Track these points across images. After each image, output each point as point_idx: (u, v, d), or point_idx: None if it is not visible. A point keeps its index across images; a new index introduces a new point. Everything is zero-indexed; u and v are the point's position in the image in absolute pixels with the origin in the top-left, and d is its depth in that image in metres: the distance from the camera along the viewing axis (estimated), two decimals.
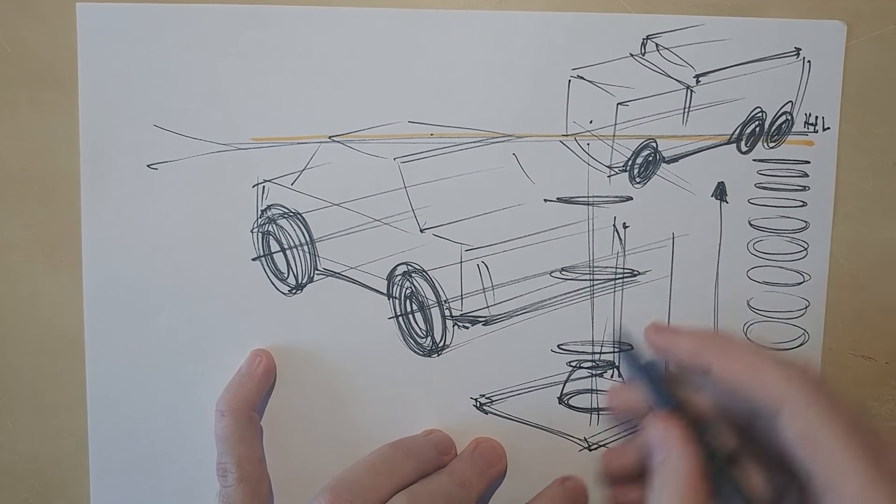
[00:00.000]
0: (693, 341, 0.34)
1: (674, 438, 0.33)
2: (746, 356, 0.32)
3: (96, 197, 0.40)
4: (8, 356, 0.41)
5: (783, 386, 0.30)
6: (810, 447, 0.29)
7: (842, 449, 0.29)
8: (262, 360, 0.40)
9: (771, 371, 0.31)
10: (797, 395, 0.30)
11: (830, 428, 0.29)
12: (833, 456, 0.29)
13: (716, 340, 0.33)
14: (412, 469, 0.37)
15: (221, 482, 0.38)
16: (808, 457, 0.29)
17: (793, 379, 0.30)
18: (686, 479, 0.32)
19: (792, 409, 0.30)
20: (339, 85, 0.39)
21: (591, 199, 0.40)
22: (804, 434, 0.29)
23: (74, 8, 0.39)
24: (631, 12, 0.39)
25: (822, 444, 0.29)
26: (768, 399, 0.30)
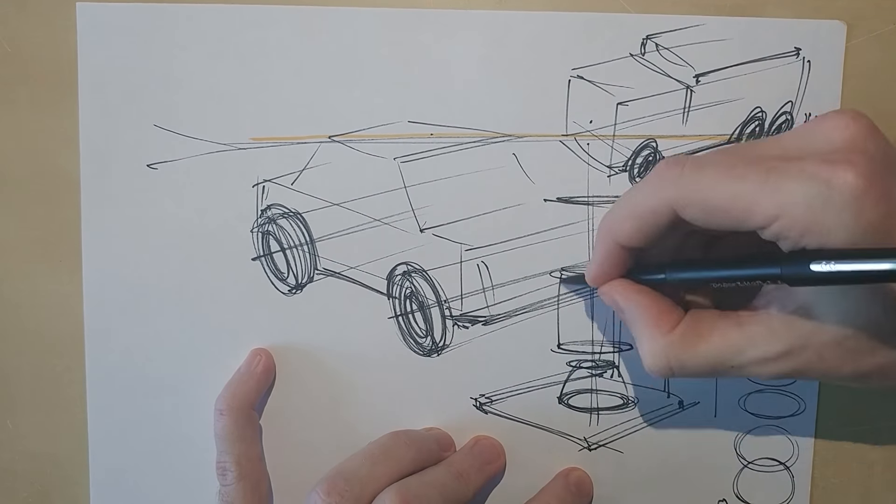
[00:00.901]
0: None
1: (620, 294, 0.34)
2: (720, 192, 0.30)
3: (96, 197, 0.40)
4: (8, 356, 0.41)
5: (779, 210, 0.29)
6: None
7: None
8: (261, 359, 0.40)
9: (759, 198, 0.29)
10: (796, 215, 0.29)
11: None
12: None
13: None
14: (412, 459, 0.37)
15: (221, 481, 0.38)
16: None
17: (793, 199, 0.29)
18: (647, 321, 0.34)
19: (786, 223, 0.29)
20: (339, 85, 0.39)
21: (592, 199, 0.40)
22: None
23: (74, 8, 0.39)
24: (631, 12, 0.39)
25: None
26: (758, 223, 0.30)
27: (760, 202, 0.29)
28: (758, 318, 0.32)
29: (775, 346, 0.32)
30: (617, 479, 0.41)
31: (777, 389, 0.40)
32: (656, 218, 0.32)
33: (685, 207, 0.31)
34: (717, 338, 0.33)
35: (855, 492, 0.41)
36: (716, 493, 0.41)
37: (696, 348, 0.33)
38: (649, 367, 0.34)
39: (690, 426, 0.41)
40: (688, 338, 0.33)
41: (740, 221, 0.30)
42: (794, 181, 0.29)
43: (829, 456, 0.41)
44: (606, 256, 0.35)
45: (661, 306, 0.34)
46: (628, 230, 0.33)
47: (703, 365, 0.33)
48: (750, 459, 0.41)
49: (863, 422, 0.41)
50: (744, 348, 0.32)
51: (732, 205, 0.30)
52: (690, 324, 0.34)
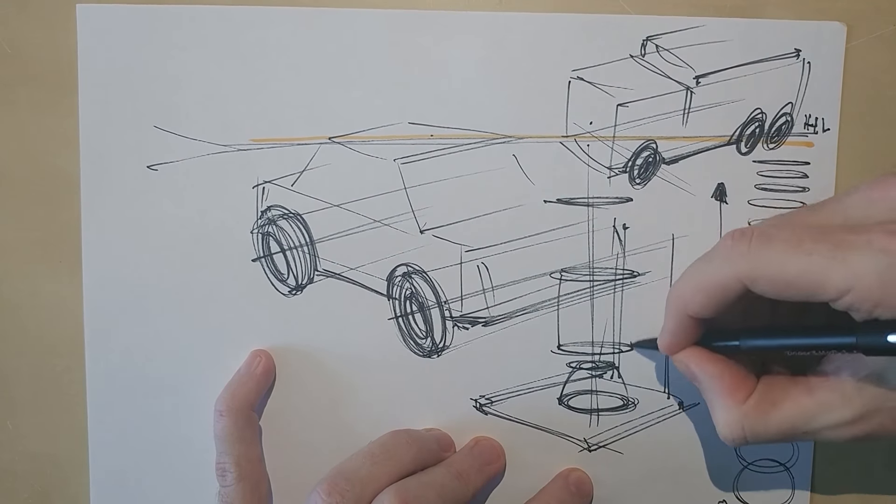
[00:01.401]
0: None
1: (695, 364, 0.35)
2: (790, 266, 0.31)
3: (96, 197, 0.40)
4: (8, 357, 0.41)
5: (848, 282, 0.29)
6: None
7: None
8: (261, 360, 0.40)
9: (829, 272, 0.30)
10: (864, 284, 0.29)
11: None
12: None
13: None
14: (412, 458, 0.37)
15: (220, 482, 0.38)
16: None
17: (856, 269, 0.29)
18: (721, 392, 0.34)
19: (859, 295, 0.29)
20: (339, 86, 0.39)
21: (591, 201, 0.40)
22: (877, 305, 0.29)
23: (74, 8, 0.39)
24: (631, 13, 0.39)
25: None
26: (830, 294, 0.30)
27: (831, 277, 0.29)
28: (829, 385, 0.33)
29: (848, 412, 0.32)
30: (617, 480, 0.41)
31: None
32: (726, 292, 0.32)
33: (755, 282, 0.31)
34: (790, 405, 0.33)
35: (855, 492, 0.41)
36: (716, 494, 0.41)
37: (769, 417, 0.33)
38: (724, 436, 0.34)
39: (690, 427, 0.41)
40: (761, 407, 0.33)
41: (812, 295, 0.30)
42: (864, 255, 0.29)
43: (829, 456, 0.41)
44: (678, 327, 0.35)
45: (735, 375, 0.34)
46: (698, 303, 0.33)
47: (777, 433, 0.33)
48: (750, 460, 0.41)
49: None
50: (816, 415, 0.33)
51: (803, 280, 0.30)
52: (763, 392, 0.34)
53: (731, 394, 0.34)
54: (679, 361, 0.36)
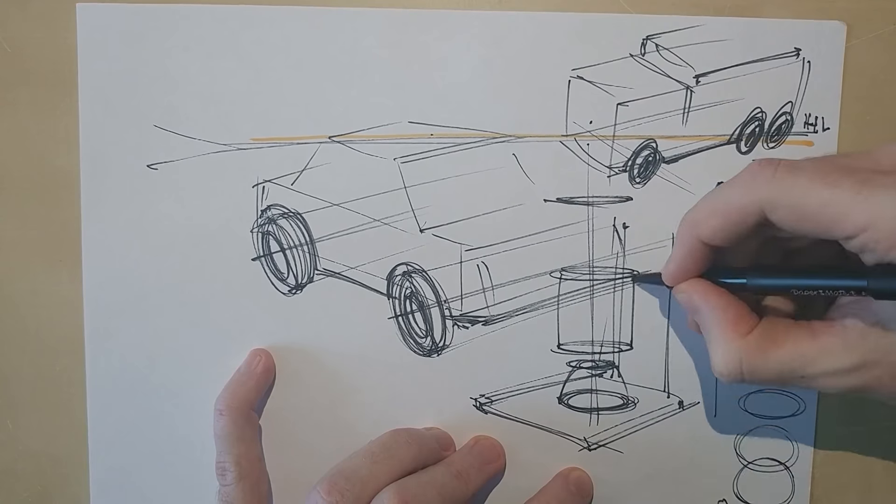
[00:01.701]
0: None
1: (698, 294, 0.34)
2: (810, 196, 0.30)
3: (96, 197, 0.40)
4: (8, 356, 0.41)
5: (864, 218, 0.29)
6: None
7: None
8: (261, 359, 0.40)
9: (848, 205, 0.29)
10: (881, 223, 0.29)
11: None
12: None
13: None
14: (413, 457, 0.37)
15: (220, 481, 0.38)
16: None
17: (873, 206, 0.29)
18: (722, 323, 0.33)
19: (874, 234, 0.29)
20: (339, 85, 0.39)
21: (591, 200, 0.40)
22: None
23: (74, 8, 0.39)
24: (631, 13, 0.39)
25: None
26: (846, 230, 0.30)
27: (852, 211, 0.29)
28: (833, 330, 0.32)
29: (849, 359, 0.32)
30: (617, 479, 0.41)
31: (777, 390, 0.40)
32: (744, 217, 0.32)
33: (775, 209, 0.31)
34: (791, 346, 0.33)
35: (855, 492, 0.41)
36: (716, 494, 0.41)
37: (768, 354, 0.33)
38: (720, 368, 0.34)
39: (690, 426, 0.41)
40: (762, 343, 0.33)
41: (829, 229, 0.30)
42: (888, 193, 0.29)
43: (829, 456, 0.41)
44: (687, 253, 0.34)
45: (739, 310, 0.34)
46: (713, 227, 0.33)
47: (774, 372, 0.33)
48: (750, 459, 0.41)
49: (863, 422, 0.41)
50: (816, 359, 0.32)
51: (823, 211, 0.30)
52: (765, 329, 0.33)
53: (734, 326, 0.33)
54: (682, 292, 0.35)
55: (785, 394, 0.40)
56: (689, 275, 0.35)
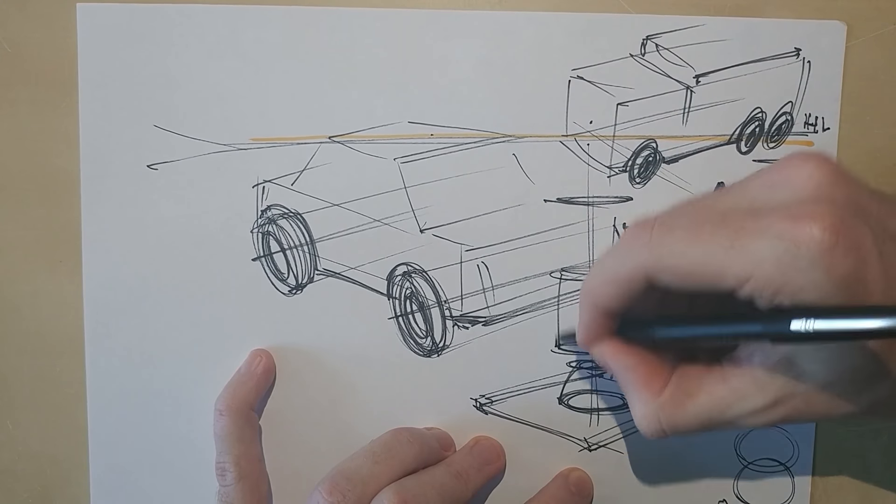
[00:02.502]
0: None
1: (610, 356, 0.35)
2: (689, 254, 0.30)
3: (96, 197, 0.40)
4: (8, 356, 0.41)
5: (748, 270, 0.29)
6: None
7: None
8: (261, 359, 0.40)
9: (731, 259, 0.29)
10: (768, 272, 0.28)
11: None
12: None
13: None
14: (414, 457, 0.37)
15: (220, 481, 0.38)
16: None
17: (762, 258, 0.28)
18: (636, 384, 0.34)
19: (760, 282, 0.29)
20: (339, 85, 0.39)
21: (591, 200, 0.40)
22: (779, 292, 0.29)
23: (75, 8, 0.39)
24: (631, 12, 0.39)
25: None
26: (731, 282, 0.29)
27: (730, 265, 0.29)
28: (741, 372, 0.32)
29: (762, 399, 0.32)
30: (617, 480, 0.41)
31: None
32: (631, 284, 0.32)
33: (658, 273, 0.31)
34: (705, 396, 0.33)
35: (855, 492, 0.41)
36: (716, 494, 0.41)
37: (685, 408, 0.33)
38: (642, 429, 0.34)
39: None
40: (677, 398, 0.33)
41: (713, 284, 0.30)
42: (761, 241, 0.28)
43: (829, 456, 0.41)
44: (591, 320, 0.35)
45: (649, 366, 0.34)
46: (607, 296, 0.33)
47: (694, 423, 0.33)
48: (750, 460, 0.41)
49: (863, 422, 0.41)
50: (731, 403, 0.32)
51: (703, 269, 0.30)
52: (678, 384, 0.34)
53: (646, 385, 0.34)
54: (596, 356, 0.36)
55: None
56: (599, 337, 0.35)
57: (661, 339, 0.34)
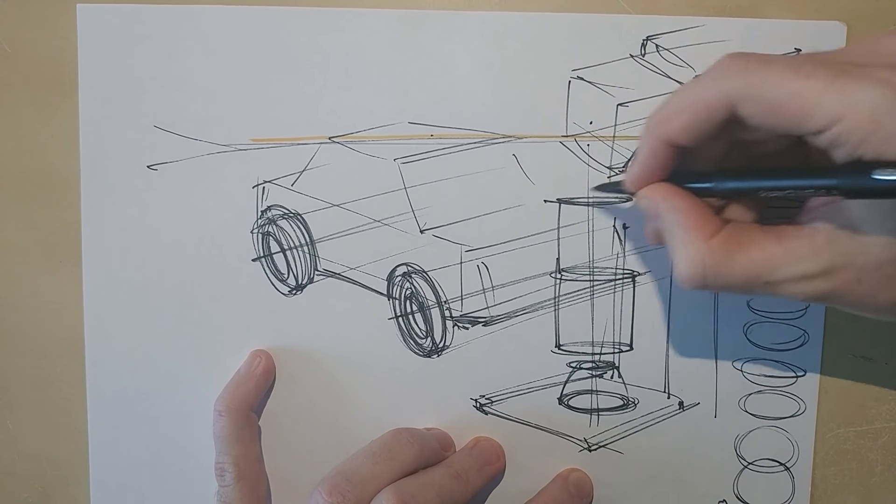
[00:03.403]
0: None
1: (661, 196, 0.33)
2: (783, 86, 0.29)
3: (96, 197, 0.40)
4: (8, 356, 0.41)
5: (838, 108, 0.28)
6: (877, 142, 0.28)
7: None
8: (261, 360, 0.40)
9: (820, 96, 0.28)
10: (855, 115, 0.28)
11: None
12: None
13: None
14: (414, 458, 0.37)
15: (219, 481, 0.38)
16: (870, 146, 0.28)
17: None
18: (686, 225, 0.32)
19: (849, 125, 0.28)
20: (339, 86, 0.39)
21: (591, 200, 0.40)
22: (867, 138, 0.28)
23: (75, 9, 0.39)
24: (631, 13, 0.39)
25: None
26: (819, 122, 0.29)
27: (824, 102, 0.28)
28: (801, 233, 0.31)
29: (816, 264, 0.31)
30: (617, 480, 0.41)
31: (777, 390, 0.40)
32: (711, 113, 0.31)
33: (745, 102, 0.30)
34: (757, 250, 0.31)
35: (855, 492, 0.41)
36: (716, 494, 0.41)
37: (733, 257, 0.31)
38: (684, 273, 0.32)
39: (690, 427, 0.41)
40: (727, 246, 0.32)
41: (799, 121, 0.29)
42: (862, 83, 0.28)
43: (829, 456, 0.41)
44: (651, 155, 0.33)
45: (703, 212, 0.33)
46: (680, 125, 0.32)
47: (739, 277, 0.32)
48: (750, 460, 0.41)
49: (863, 422, 0.41)
50: (783, 263, 0.31)
51: (795, 103, 0.29)
52: (731, 233, 0.32)
53: (698, 228, 0.32)
54: (645, 196, 0.34)
55: (785, 394, 0.41)
56: (652, 179, 0.34)
57: (722, 190, 0.32)
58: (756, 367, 0.40)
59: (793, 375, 0.40)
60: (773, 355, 0.40)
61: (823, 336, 0.40)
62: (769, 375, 0.40)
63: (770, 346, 0.40)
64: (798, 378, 0.41)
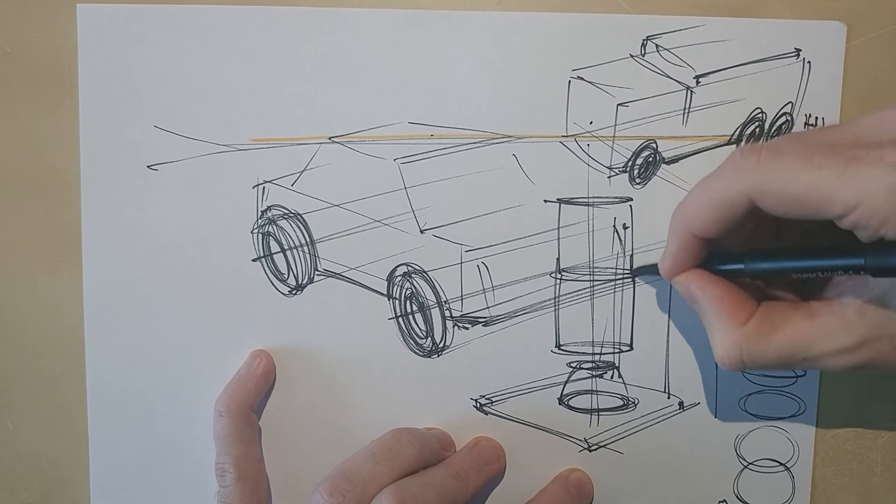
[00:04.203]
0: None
1: (697, 285, 0.34)
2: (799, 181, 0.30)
3: (96, 197, 0.40)
4: (8, 356, 0.41)
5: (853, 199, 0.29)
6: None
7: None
8: (261, 360, 0.40)
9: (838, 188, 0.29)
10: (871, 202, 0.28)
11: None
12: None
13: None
14: (414, 457, 0.37)
15: (220, 482, 0.38)
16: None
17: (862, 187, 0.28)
18: (721, 313, 0.33)
19: (866, 211, 0.29)
20: (340, 86, 0.39)
21: (591, 200, 0.40)
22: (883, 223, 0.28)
23: (75, 9, 0.39)
24: (631, 13, 0.39)
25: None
26: (836, 211, 0.29)
27: (839, 192, 0.29)
28: (831, 310, 0.32)
29: (849, 338, 0.31)
30: (617, 480, 0.41)
31: (777, 390, 0.40)
32: (733, 208, 0.32)
33: (763, 197, 0.31)
34: (790, 330, 0.32)
35: (855, 492, 0.41)
36: (716, 494, 0.41)
37: (768, 340, 0.32)
38: (722, 358, 0.33)
39: (690, 427, 0.41)
40: (761, 329, 0.33)
41: (818, 211, 0.30)
42: (874, 170, 0.28)
43: (829, 456, 0.41)
44: (681, 248, 0.34)
45: (737, 298, 0.34)
46: (704, 221, 0.33)
47: (775, 357, 0.33)
48: (750, 460, 0.41)
49: (863, 422, 0.41)
50: (816, 340, 0.32)
51: (811, 195, 0.29)
52: (763, 315, 0.33)
53: (732, 315, 0.33)
54: (680, 283, 0.35)
55: (785, 394, 0.41)
56: (685, 267, 0.35)
57: (753, 271, 0.33)
58: None
59: (793, 375, 0.40)
60: None
61: None
62: (769, 375, 0.40)
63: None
64: (798, 378, 0.41)
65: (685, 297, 0.35)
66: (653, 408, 0.41)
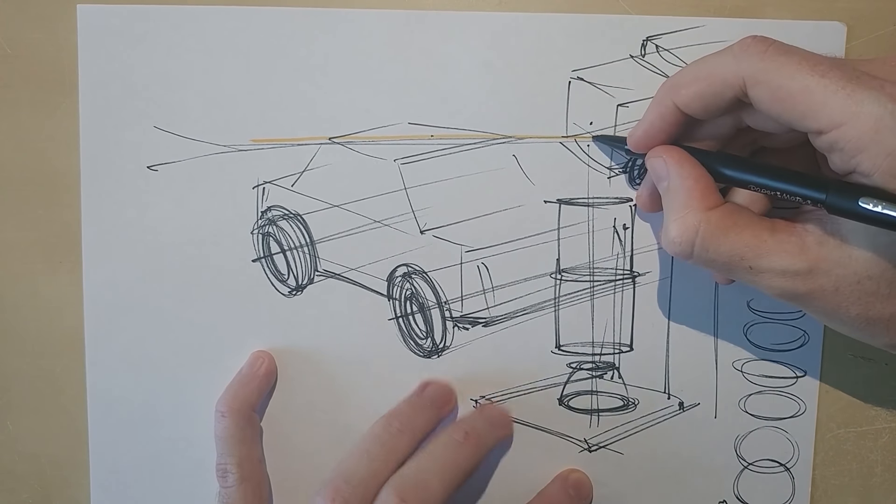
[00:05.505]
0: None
1: (675, 161, 0.34)
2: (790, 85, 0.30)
3: (96, 197, 0.40)
4: (8, 356, 0.41)
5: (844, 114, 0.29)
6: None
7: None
8: (263, 361, 0.40)
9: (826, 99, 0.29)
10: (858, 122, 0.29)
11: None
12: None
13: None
14: (407, 444, 0.37)
15: (221, 483, 0.38)
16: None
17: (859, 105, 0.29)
18: (691, 194, 0.33)
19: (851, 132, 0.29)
20: (340, 86, 0.39)
21: (591, 201, 0.40)
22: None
23: (75, 9, 0.39)
24: (631, 13, 0.39)
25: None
26: (821, 123, 0.29)
27: (831, 103, 0.29)
28: (793, 230, 0.32)
29: (800, 262, 0.31)
30: (617, 481, 0.41)
31: (777, 391, 0.41)
32: (724, 87, 0.32)
33: (757, 85, 0.31)
34: (749, 233, 0.32)
35: (855, 492, 0.41)
36: (716, 495, 0.41)
37: (726, 234, 0.32)
38: (674, 238, 0.33)
39: (690, 427, 0.41)
40: (723, 222, 0.32)
41: (803, 116, 0.30)
42: (871, 94, 0.28)
43: (829, 456, 0.41)
44: (658, 117, 0.34)
45: (708, 183, 0.33)
46: (692, 92, 0.33)
47: (726, 255, 0.32)
48: (750, 460, 0.41)
49: (863, 422, 0.41)
50: (770, 252, 0.32)
51: (803, 96, 0.29)
52: (730, 211, 0.33)
53: (701, 198, 0.33)
54: (655, 155, 0.35)
55: (785, 394, 0.41)
56: (655, 142, 0.35)
57: (724, 176, 0.33)
58: (756, 367, 0.40)
59: (793, 376, 0.41)
60: (773, 356, 0.40)
61: (823, 336, 0.40)
62: (769, 376, 0.40)
63: (770, 347, 0.40)
64: (798, 378, 0.41)
65: (653, 172, 0.35)
66: (653, 408, 0.41)
